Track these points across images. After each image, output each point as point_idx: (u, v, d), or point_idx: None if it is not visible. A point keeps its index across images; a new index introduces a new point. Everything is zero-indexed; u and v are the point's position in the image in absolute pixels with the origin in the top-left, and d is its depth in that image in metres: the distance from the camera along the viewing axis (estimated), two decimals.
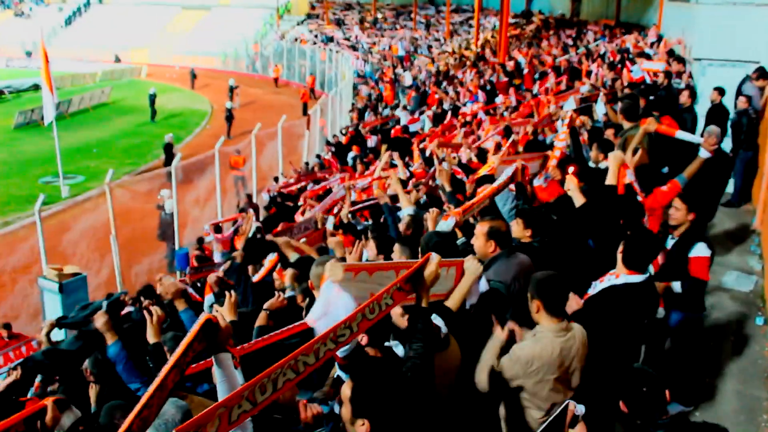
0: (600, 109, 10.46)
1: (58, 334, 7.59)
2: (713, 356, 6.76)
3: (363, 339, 3.87)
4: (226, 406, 2.71)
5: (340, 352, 3.60)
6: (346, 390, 2.90)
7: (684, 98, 10.55)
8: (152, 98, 34.95)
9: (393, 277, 3.77)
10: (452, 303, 4.19)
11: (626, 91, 11.74)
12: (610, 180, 6.04)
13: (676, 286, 6.03)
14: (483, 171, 8.09)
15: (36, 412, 3.07)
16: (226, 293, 5.27)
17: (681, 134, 7.97)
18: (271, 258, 7.68)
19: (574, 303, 4.63)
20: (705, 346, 6.81)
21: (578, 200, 5.90)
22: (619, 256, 4.75)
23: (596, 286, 4.87)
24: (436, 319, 4.01)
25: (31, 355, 6.70)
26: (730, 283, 8.15)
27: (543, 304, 4.11)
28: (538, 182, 7.60)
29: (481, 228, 5.01)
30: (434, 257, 3.69)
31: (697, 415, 5.88)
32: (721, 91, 10.55)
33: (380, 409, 2.81)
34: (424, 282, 3.62)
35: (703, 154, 7.15)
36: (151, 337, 4.59)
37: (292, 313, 5.55)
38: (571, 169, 6.67)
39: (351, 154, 19.02)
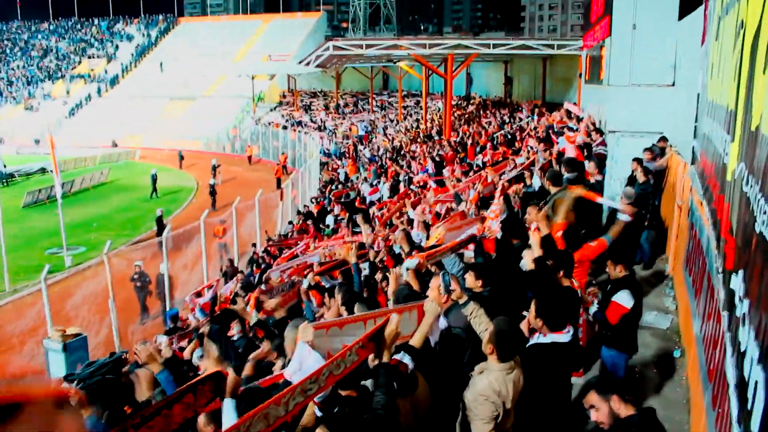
0: (536, 181, 10.63)
1: None
2: (640, 387, 6.77)
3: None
4: None
5: (317, 398, 3.56)
6: (321, 427, 2.85)
7: (591, 169, 10.78)
8: (154, 178, 34.92)
9: (361, 327, 3.76)
10: (416, 341, 4.17)
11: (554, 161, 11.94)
12: (543, 231, 6.22)
13: (592, 309, 6.10)
14: (432, 242, 8.05)
15: None
16: (211, 347, 5.18)
17: (602, 200, 8.13)
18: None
19: None
20: (632, 377, 6.82)
21: (537, 252, 6.00)
22: (538, 323, 4.62)
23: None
24: (404, 357, 3.98)
25: None
26: (650, 321, 8.21)
27: (497, 351, 4.07)
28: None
29: (435, 282, 5.01)
30: (393, 317, 3.70)
31: None
32: (640, 162, 10.78)
33: None
34: (384, 340, 3.65)
35: (623, 217, 7.29)
36: (143, 395, 4.43)
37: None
38: (534, 225, 6.75)
39: (330, 217, 19.02)
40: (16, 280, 19.29)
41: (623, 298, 5.94)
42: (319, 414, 3.59)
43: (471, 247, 6.92)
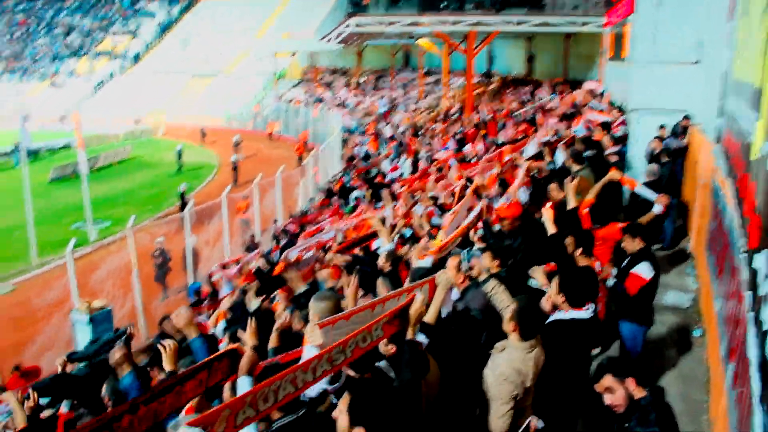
0: (559, 157, 10.55)
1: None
2: (659, 364, 6.75)
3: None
4: (231, 409, 2.68)
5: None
6: (343, 402, 2.86)
7: (606, 143, 10.69)
8: (179, 154, 35.36)
9: (369, 315, 3.77)
10: (430, 317, 4.16)
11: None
12: (570, 205, 6.18)
13: (610, 281, 6.11)
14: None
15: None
16: (249, 321, 5.21)
17: (639, 189, 8.08)
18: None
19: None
20: (651, 356, 6.80)
21: (550, 229, 5.96)
22: (559, 299, 4.65)
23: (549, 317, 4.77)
24: (419, 335, 3.98)
25: (41, 380, 6.62)
26: (671, 300, 8.17)
27: (519, 329, 4.07)
28: (499, 203, 7.65)
29: (452, 262, 5.01)
30: (419, 296, 3.74)
31: None
32: (661, 140, 10.65)
33: (373, 420, 2.76)
34: (409, 318, 3.69)
35: (656, 209, 7.26)
36: (167, 365, 4.49)
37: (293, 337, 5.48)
38: (548, 204, 6.71)
39: (355, 193, 19.03)
40: (43, 253, 19.56)
41: (643, 270, 5.93)
42: (334, 401, 3.61)
43: (479, 225, 6.91)
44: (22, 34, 73.10)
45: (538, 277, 5.26)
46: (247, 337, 4.82)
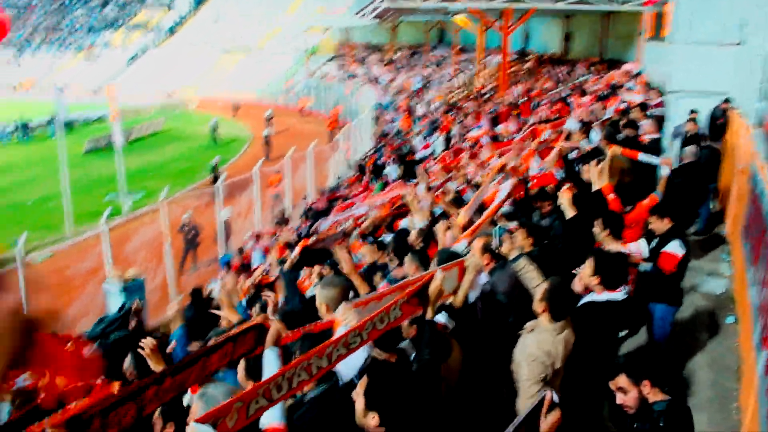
0: (594, 136, 10.43)
1: None
2: (690, 350, 6.70)
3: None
4: (243, 401, 2.69)
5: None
6: (361, 385, 2.86)
7: (650, 128, 10.51)
8: (214, 127, 35.63)
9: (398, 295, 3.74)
10: (457, 300, 4.16)
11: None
12: (595, 186, 6.13)
13: (643, 266, 6.04)
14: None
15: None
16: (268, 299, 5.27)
17: (642, 156, 7.98)
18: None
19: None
20: (682, 341, 6.75)
21: (569, 212, 5.90)
22: (594, 281, 4.61)
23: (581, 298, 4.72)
24: (443, 317, 3.98)
25: None
26: (704, 286, 8.08)
27: (550, 310, 4.06)
28: (533, 171, 7.61)
29: (478, 243, 4.99)
30: (438, 274, 3.69)
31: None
32: (696, 122, 10.46)
33: (389, 404, 2.77)
34: (429, 296, 3.63)
35: (664, 171, 7.18)
36: (153, 366, 4.22)
37: None
38: (566, 185, 6.64)
39: (387, 170, 19.02)
40: (78, 223, 19.91)
41: (675, 248, 5.89)
42: (356, 381, 3.60)
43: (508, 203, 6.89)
44: (59, 6, 73.85)
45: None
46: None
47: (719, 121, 10.69)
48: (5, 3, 71.02)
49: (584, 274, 4.62)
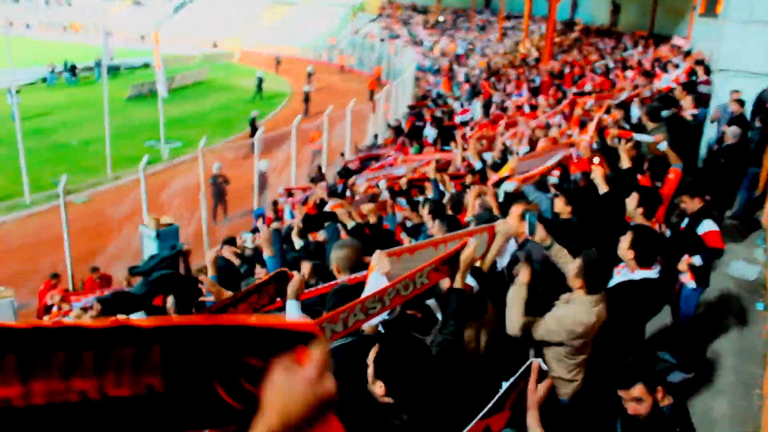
0: (634, 113, 10.22)
1: None
2: (716, 334, 6.61)
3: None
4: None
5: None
6: (372, 353, 2.81)
7: (688, 104, 10.26)
8: (260, 81, 35.31)
9: (432, 252, 3.67)
10: (485, 264, 4.12)
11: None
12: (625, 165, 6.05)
13: (697, 260, 5.92)
14: (504, 172, 7.83)
15: None
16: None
17: (637, 136, 7.83)
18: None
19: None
20: (709, 325, 6.66)
21: (602, 188, 5.81)
22: (629, 255, 4.56)
23: (613, 278, 4.56)
24: (469, 279, 3.91)
25: (104, 295, 6.89)
26: (737, 271, 7.93)
27: (586, 284, 4.02)
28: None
29: (516, 209, 4.92)
30: (471, 242, 3.54)
31: (697, 386, 5.77)
32: (741, 103, 10.16)
33: (396, 376, 2.70)
34: (459, 264, 3.50)
35: (662, 146, 7.06)
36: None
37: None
38: (596, 159, 6.52)
39: (425, 131, 18.95)
40: (117, 167, 20.21)
41: (711, 225, 5.82)
42: (381, 330, 3.58)
43: (556, 173, 6.80)
44: None
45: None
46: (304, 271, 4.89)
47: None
48: None
49: (621, 248, 4.56)
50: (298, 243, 7.14)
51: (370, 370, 2.76)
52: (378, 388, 2.71)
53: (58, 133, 25.54)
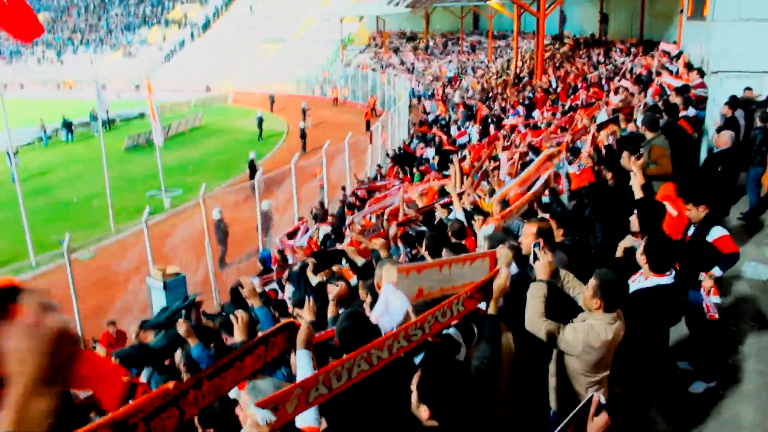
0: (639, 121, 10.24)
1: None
2: (735, 339, 6.54)
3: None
4: (303, 387, 2.73)
5: None
6: (415, 378, 2.86)
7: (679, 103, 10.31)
8: (260, 121, 35.71)
9: (437, 272, 3.75)
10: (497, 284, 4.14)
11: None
12: (637, 195, 6.00)
13: (717, 271, 5.89)
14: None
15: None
16: (306, 299, 5.30)
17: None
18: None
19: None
20: (727, 330, 6.60)
21: (638, 194, 5.86)
22: (642, 260, 4.54)
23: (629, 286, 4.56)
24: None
25: (122, 349, 6.88)
26: (749, 272, 7.86)
27: (604, 303, 3.99)
28: (572, 169, 7.51)
29: (530, 228, 4.92)
30: (503, 271, 3.70)
31: (721, 393, 5.69)
32: (732, 105, 10.18)
33: (441, 399, 2.76)
34: (492, 291, 3.66)
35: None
36: (238, 336, 4.60)
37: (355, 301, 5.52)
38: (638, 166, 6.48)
39: (426, 154, 18.99)
40: (119, 221, 20.26)
41: (721, 230, 5.82)
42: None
43: (547, 192, 6.80)
44: (96, 7, 75.08)
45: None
46: (306, 313, 4.93)
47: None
48: (45, 6, 72.56)
49: (637, 253, 4.59)
50: (314, 279, 7.11)
51: (414, 395, 2.79)
52: (423, 412, 2.77)
53: (59, 190, 25.66)
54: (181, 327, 5.24)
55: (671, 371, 6.25)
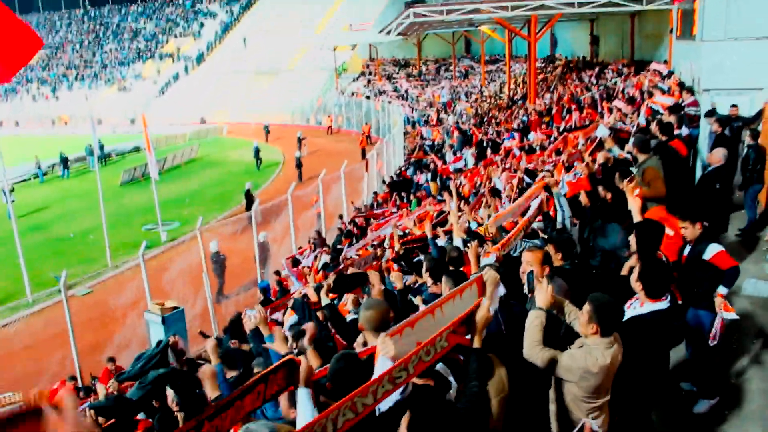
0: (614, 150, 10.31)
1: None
2: (737, 357, 6.52)
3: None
4: None
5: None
6: (404, 421, 2.81)
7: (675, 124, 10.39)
8: (257, 151, 35.97)
9: (430, 319, 3.70)
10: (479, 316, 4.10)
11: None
12: (636, 218, 6.01)
13: (723, 289, 5.87)
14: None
15: None
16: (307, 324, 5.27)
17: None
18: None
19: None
20: (728, 349, 6.58)
21: (637, 217, 5.86)
22: (638, 286, 4.53)
23: (624, 313, 4.56)
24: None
25: (98, 401, 6.83)
26: (749, 289, 7.87)
27: (600, 328, 3.97)
28: (568, 177, 7.53)
29: (530, 256, 4.91)
30: (484, 302, 3.65)
31: (726, 413, 5.66)
32: (721, 123, 10.26)
33: None
34: (476, 324, 3.60)
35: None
36: (210, 392, 4.31)
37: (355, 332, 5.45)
38: (636, 191, 6.49)
39: (422, 178, 19.03)
40: (116, 255, 20.23)
41: (717, 247, 5.81)
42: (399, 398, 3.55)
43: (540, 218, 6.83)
44: (90, 43, 75.71)
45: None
46: (310, 357, 4.82)
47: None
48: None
49: (632, 279, 4.56)
50: (325, 301, 7.03)
51: None
52: None
53: (55, 226, 25.63)
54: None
55: (674, 393, 6.22)
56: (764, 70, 11.28)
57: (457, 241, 7.18)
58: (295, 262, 14.94)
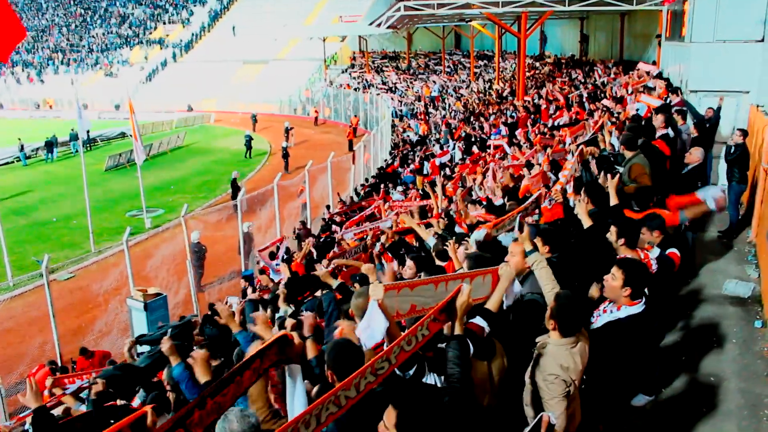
0: (613, 141, 10.34)
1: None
2: (716, 357, 6.59)
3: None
4: None
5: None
6: (390, 417, 2.78)
7: (658, 124, 10.43)
8: (249, 140, 35.83)
9: (432, 289, 3.74)
10: (492, 305, 4.11)
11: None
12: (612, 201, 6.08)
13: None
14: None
15: (138, 418, 3.07)
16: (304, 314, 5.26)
17: None
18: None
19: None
20: (708, 348, 6.65)
21: (585, 222, 5.85)
22: (626, 292, 4.51)
23: (600, 317, 4.59)
24: (479, 321, 3.93)
25: (107, 369, 6.82)
26: (730, 289, 7.95)
27: (558, 326, 3.98)
28: (543, 204, 7.55)
29: (517, 247, 4.93)
30: (465, 288, 3.66)
31: (704, 410, 5.71)
32: (699, 125, 10.34)
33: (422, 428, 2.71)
34: (456, 311, 3.61)
35: None
36: (201, 377, 4.35)
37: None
38: (582, 195, 6.52)
39: (406, 176, 19.02)
40: (99, 241, 20.11)
41: (674, 251, 5.90)
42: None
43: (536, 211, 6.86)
44: (77, 26, 74.96)
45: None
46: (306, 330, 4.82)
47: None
48: (26, 26, 72.19)
49: (614, 286, 4.50)
50: (284, 309, 7.06)
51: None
52: None
53: (38, 210, 25.43)
54: (165, 344, 5.16)
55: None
56: (751, 73, 11.40)
57: (431, 240, 7.21)
58: (272, 255, 14.89)
